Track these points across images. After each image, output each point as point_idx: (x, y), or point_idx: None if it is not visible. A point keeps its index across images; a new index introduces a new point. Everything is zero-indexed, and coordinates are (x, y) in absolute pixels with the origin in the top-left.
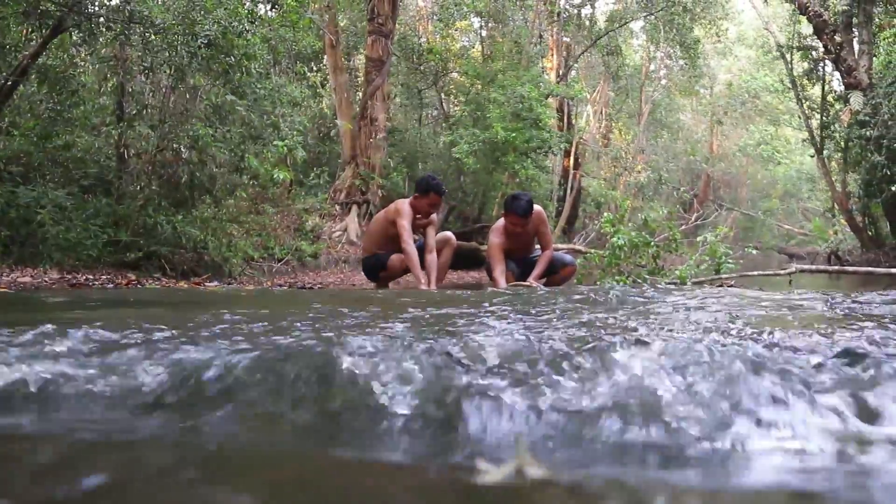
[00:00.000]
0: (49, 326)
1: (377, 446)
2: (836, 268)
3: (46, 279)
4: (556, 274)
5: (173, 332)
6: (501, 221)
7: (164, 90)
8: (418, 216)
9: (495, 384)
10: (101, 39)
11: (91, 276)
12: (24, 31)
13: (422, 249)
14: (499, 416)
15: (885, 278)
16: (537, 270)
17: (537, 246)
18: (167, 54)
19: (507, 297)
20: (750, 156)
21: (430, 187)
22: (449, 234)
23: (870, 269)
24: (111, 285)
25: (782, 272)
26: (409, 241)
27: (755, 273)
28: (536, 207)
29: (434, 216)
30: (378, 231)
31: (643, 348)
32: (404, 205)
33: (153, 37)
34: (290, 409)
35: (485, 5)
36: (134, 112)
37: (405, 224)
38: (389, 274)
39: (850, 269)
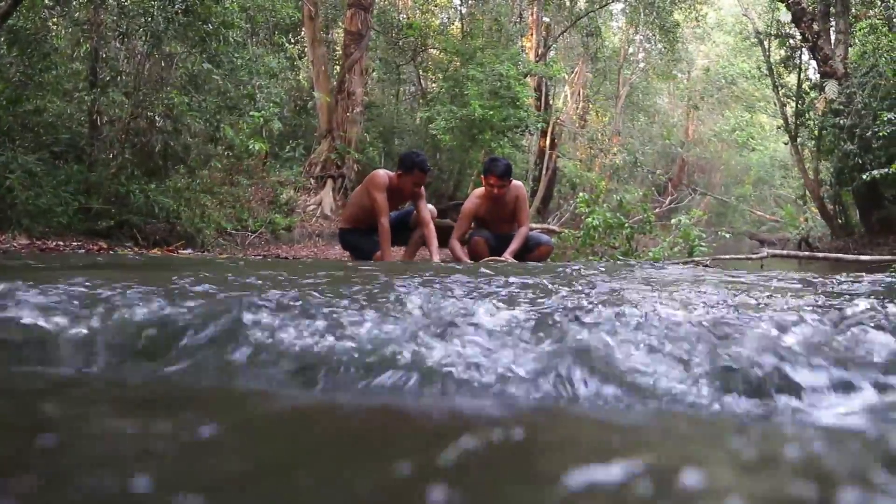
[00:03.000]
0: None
1: None
2: (807, 254)
3: (15, 244)
4: (531, 252)
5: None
6: (479, 190)
7: (138, 57)
8: (401, 193)
9: None
10: (74, 3)
11: (61, 243)
12: None
13: (400, 223)
14: None
15: (852, 265)
16: (513, 246)
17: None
18: (143, 20)
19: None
20: (725, 141)
21: (415, 164)
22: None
23: (839, 255)
24: (83, 251)
25: (754, 256)
26: (383, 216)
27: (728, 257)
28: (516, 182)
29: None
30: (356, 202)
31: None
32: (381, 176)
33: (128, 1)
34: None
35: None
36: (108, 78)
37: (378, 197)
38: None
39: (821, 255)
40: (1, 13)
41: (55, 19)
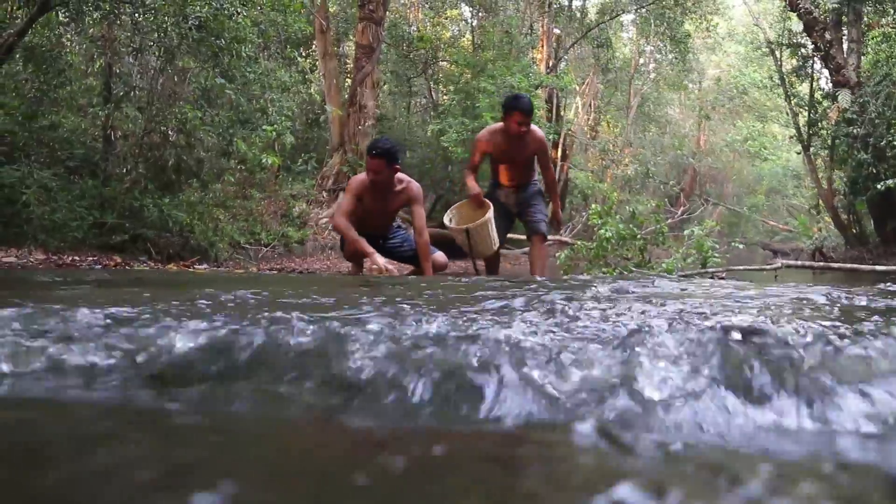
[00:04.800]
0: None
1: None
2: (822, 264)
3: (32, 259)
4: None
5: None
6: (493, 126)
7: (152, 72)
8: (384, 189)
9: None
10: (88, 19)
11: (77, 258)
12: (10, 9)
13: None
14: None
15: (868, 275)
16: (554, 205)
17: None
18: (156, 36)
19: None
20: (736, 151)
21: (368, 150)
22: (441, 256)
23: (854, 265)
24: (99, 266)
25: (768, 267)
26: (338, 215)
27: (742, 268)
28: (536, 127)
29: (412, 188)
30: None
31: None
32: (354, 179)
33: (142, 17)
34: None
35: None
36: (121, 93)
37: (344, 199)
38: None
39: (836, 265)
40: (17, 30)
41: (70, 36)
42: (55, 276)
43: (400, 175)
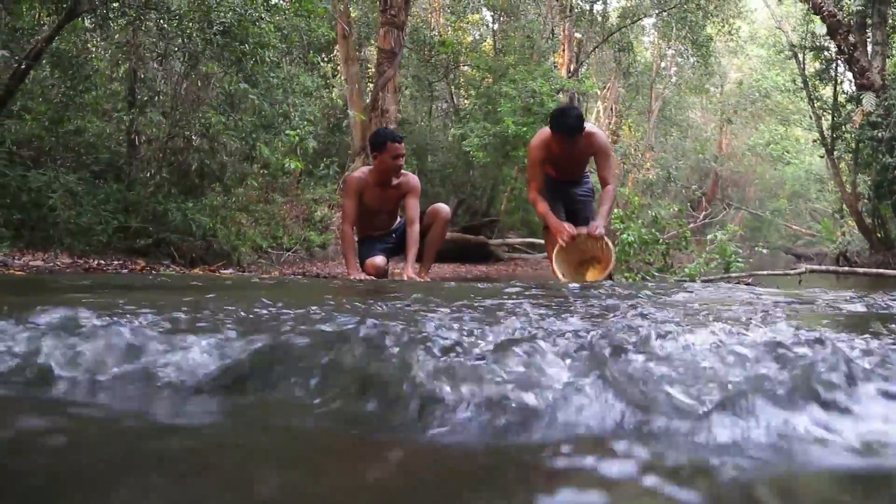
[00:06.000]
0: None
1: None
2: (846, 269)
3: (59, 263)
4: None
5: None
6: (546, 132)
7: (176, 77)
8: (385, 183)
9: None
10: (114, 25)
11: (102, 262)
12: (38, 16)
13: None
14: None
15: (894, 280)
16: (599, 220)
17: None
18: (181, 41)
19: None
20: (759, 155)
21: (386, 137)
22: (440, 205)
23: (880, 271)
24: (125, 270)
25: (792, 272)
26: (345, 223)
27: (765, 272)
28: (594, 129)
29: (411, 181)
30: None
31: None
32: (350, 179)
33: (167, 23)
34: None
35: None
36: (146, 98)
37: (345, 203)
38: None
39: (861, 270)
40: (45, 37)
41: (95, 42)
42: (103, 281)
43: None
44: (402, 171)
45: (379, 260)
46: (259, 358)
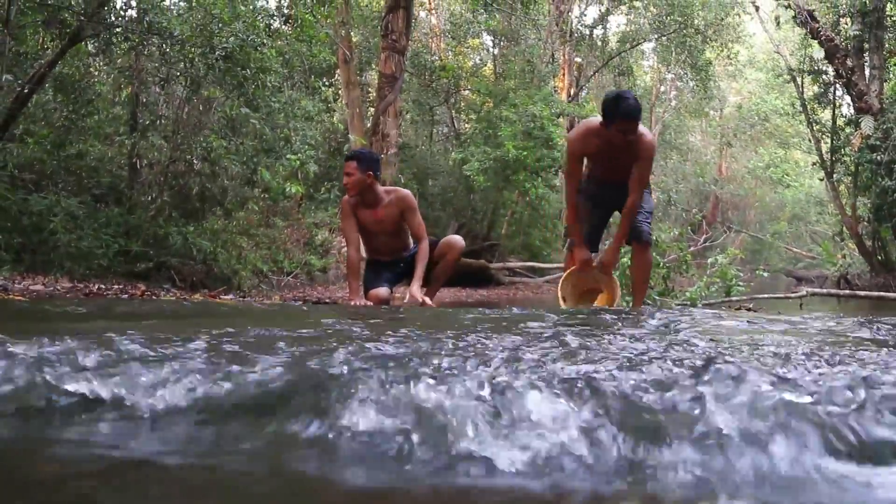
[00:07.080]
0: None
1: None
2: (847, 292)
3: (59, 287)
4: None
5: None
6: (591, 123)
7: (178, 101)
8: (368, 202)
9: None
10: (116, 50)
11: (102, 286)
12: (42, 40)
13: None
14: None
15: (895, 303)
16: (616, 239)
17: None
18: (183, 66)
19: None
20: (759, 178)
21: (370, 156)
22: (456, 237)
23: (881, 293)
24: (125, 296)
25: (793, 295)
26: (350, 247)
27: (766, 296)
28: (646, 131)
29: (396, 197)
30: None
31: None
32: (344, 202)
33: (170, 48)
34: None
35: (497, 24)
36: (147, 122)
37: (343, 226)
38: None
39: (862, 293)
40: (48, 61)
41: (98, 66)
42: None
43: (386, 187)
44: (393, 187)
45: (382, 292)
46: None
